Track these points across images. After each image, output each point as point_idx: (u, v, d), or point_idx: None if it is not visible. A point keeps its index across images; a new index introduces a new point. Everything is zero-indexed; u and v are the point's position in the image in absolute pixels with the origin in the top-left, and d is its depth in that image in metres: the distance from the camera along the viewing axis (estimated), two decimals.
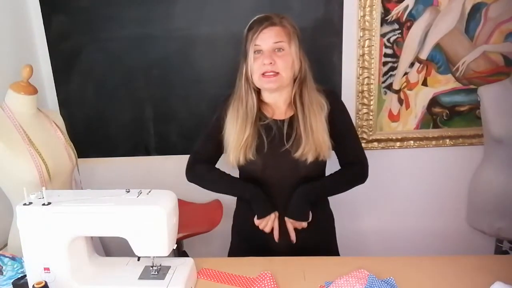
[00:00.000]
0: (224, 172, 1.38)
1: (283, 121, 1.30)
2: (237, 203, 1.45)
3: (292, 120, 1.29)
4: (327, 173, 1.39)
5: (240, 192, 1.36)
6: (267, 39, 1.21)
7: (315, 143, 1.24)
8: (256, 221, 1.29)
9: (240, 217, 1.43)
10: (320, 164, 1.30)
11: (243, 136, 1.25)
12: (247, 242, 1.39)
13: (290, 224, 1.29)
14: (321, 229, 1.38)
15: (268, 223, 1.28)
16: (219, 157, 1.40)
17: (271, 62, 1.20)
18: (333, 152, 1.34)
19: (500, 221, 1.66)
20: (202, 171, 1.39)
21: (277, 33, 1.22)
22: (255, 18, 1.26)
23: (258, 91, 1.31)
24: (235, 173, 1.39)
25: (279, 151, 1.26)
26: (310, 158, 1.24)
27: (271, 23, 1.22)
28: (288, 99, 1.31)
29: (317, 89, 1.30)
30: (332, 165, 1.38)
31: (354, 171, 1.38)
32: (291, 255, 1.28)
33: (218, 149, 1.37)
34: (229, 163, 1.30)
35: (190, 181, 1.41)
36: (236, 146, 1.26)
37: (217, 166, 1.42)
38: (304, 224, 1.29)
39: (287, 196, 1.30)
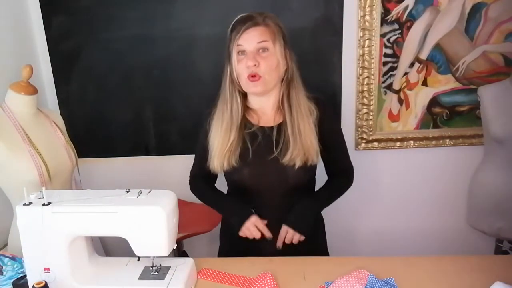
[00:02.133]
0: (214, 193, 1.37)
1: (271, 128, 1.26)
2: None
3: (280, 126, 1.25)
4: (317, 181, 1.37)
5: (215, 207, 1.36)
6: (250, 39, 1.17)
7: (303, 147, 1.20)
8: (240, 233, 1.25)
9: (228, 221, 1.42)
10: (309, 171, 1.26)
11: (227, 141, 1.22)
12: (236, 246, 1.34)
13: (290, 234, 1.23)
14: (312, 235, 1.34)
15: (251, 231, 1.22)
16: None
17: (255, 64, 1.16)
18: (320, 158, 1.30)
19: (500, 221, 1.66)
20: (199, 191, 1.39)
21: (261, 33, 1.17)
22: (237, 18, 1.21)
23: (244, 95, 1.27)
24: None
25: (267, 159, 1.23)
26: (298, 163, 1.20)
27: (255, 23, 1.17)
28: (276, 103, 1.27)
29: (307, 96, 1.27)
30: (323, 174, 1.37)
31: (344, 180, 1.38)
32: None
33: None
34: (213, 169, 1.27)
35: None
36: (221, 151, 1.23)
37: None
38: (302, 237, 1.24)
39: (276, 207, 1.27)
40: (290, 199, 1.26)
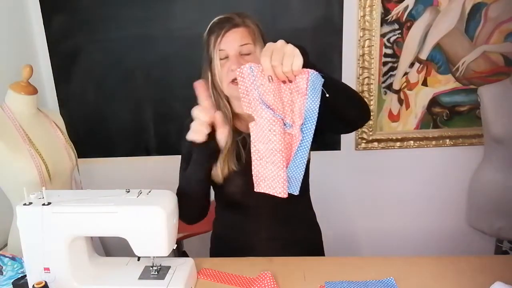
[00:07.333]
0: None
1: None
2: (216, 211, 1.39)
3: None
4: (311, 186, 1.33)
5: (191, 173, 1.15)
6: (231, 42, 1.12)
7: None
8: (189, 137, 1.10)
9: (220, 224, 1.39)
10: None
11: (227, 145, 1.17)
12: (228, 247, 1.32)
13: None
14: (308, 245, 1.33)
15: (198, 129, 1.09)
16: (210, 184, 1.23)
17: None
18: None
19: (500, 221, 1.66)
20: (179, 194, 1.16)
21: (242, 35, 1.12)
22: (214, 20, 1.16)
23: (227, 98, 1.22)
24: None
25: None
26: None
27: (234, 24, 1.13)
28: None
29: None
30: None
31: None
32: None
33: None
34: (216, 176, 1.19)
35: (188, 219, 1.22)
36: (221, 157, 1.18)
37: None
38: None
39: (271, 217, 1.23)
40: (283, 204, 1.11)
